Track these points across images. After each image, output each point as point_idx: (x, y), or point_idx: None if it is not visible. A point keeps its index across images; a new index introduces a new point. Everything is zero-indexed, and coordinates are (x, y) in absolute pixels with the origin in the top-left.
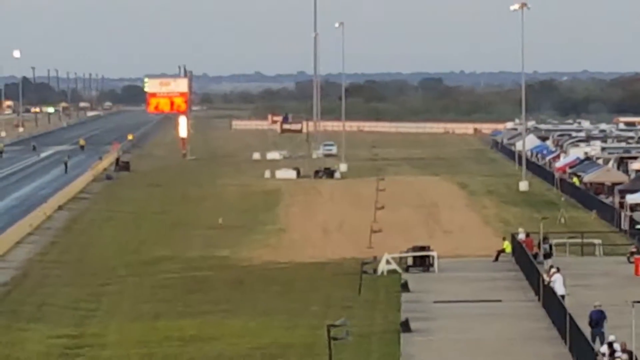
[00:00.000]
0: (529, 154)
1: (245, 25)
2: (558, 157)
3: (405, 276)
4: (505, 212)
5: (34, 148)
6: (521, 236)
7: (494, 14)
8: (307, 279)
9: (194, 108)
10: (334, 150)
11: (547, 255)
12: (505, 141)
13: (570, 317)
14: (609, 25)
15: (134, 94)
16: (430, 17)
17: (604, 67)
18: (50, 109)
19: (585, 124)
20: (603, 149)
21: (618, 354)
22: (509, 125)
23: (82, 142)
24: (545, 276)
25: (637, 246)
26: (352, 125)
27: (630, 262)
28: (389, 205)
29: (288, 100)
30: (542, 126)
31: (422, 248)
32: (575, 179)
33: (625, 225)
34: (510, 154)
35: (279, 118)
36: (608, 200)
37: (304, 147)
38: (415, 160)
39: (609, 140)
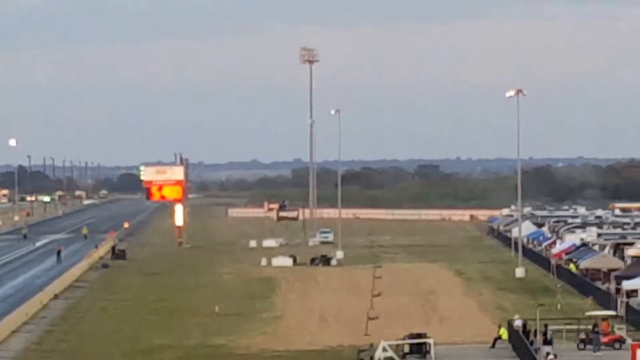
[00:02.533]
0: (525, 240)
1: (242, 113)
2: (554, 243)
3: None
4: (501, 298)
5: (25, 237)
6: (517, 323)
7: (490, 101)
8: None
9: (191, 196)
10: (330, 237)
11: (548, 342)
12: (501, 228)
13: None
14: (604, 111)
15: (130, 182)
16: (426, 103)
17: (600, 154)
18: (46, 198)
19: (581, 210)
20: (599, 235)
21: None
22: (505, 211)
23: (85, 230)
24: None
25: (587, 332)
26: (349, 213)
27: (580, 350)
28: (385, 292)
29: (284, 187)
30: (538, 212)
31: (419, 335)
32: (571, 265)
33: (621, 311)
34: (506, 240)
35: (275, 205)
36: (604, 287)
37: (301, 235)
38: (412, 247)
39: (605, 227)
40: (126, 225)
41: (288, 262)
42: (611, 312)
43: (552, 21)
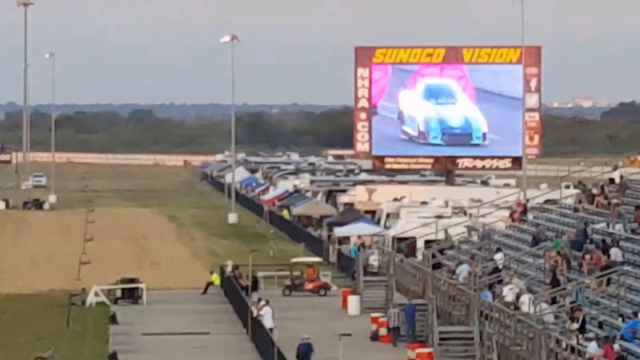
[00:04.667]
0: (238, 186)
1: None
2: (267, 189)
3: (114, 308)
4: (214, 244)
5: None
6: (229, 268)
7: (204, 46)
8: (15, 310)
9: None
10: (43, 181)
11: (255, 288)
12: (215, 173)
13: (278, 350)
14: (319, 58)
15: None
16: (138, 48)
17: (314, 100)
18: None
19: (295, 156)
20: (312, 181)
21: None
22: (219, 157)
23: None
24: (253, 309)
25: (292, 279)
26: (62, 157)
27: (286, 295)
28: (98, 236)
29: None
30: (252, 158)
31: (131, 280)
32: (284, 212)
33: (333, 258)
34: (220, 186)
35: None
36: (317, 233)
37: (13, 178)
38: (126, 192)
39: (318, 173)
40: None
41: (0, 205)
42: (317, 259)
43: None
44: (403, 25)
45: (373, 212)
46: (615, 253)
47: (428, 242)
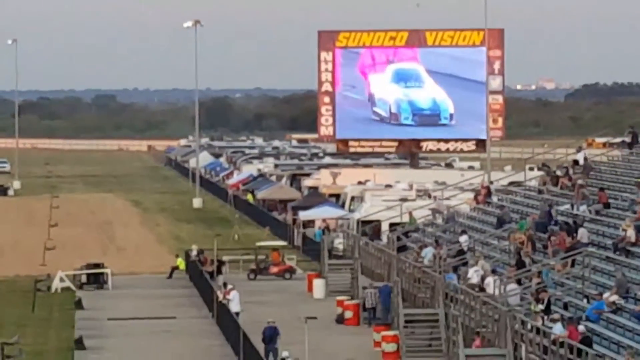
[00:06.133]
0: (202, 171)
1: None
2: (231, 174)
3: (79, 293)
4: (178, 229)
5: None
6: (194, 253)
7: (166, 31)
8: None
9: None
10: (7, 167)
11: (219, 272)
12: (179, 158)
13: (244, 334)
14: (281, 43)
15: None
16: (102, 33)
17: (277, 84)
18: None
19: (259, 140)
20: (276, 165)
21: None
22: (183, 142)
23: None
24: (219, 293)
25: (257, 263)
26: (26, 143)
27: (251, 279)
28: (62, 222)
29: None
30: (216, 143)
31: (96, 265)
32: (248, 196)
33: (298, 241)
34: (184, 171)
35: None
36: (281, 217)
37: None
38: (89, 177)
39: (282, 157)
40: None
41: None
42: (281, 243)
43: None
44: (367, 8)
45: (337, 196)
46: (581, 234)
47: (393, 225)
